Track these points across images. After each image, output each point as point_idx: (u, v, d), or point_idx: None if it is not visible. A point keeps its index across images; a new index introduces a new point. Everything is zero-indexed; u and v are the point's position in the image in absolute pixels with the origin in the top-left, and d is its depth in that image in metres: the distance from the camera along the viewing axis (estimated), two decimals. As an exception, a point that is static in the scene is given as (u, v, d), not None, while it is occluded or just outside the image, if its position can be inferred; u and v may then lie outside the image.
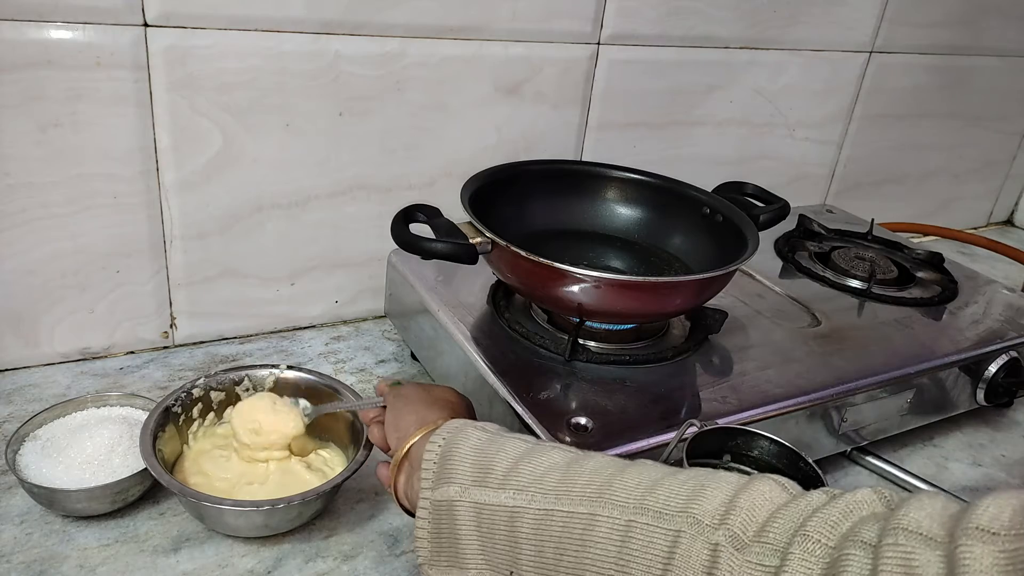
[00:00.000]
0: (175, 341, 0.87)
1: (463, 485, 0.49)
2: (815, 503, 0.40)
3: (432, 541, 0.50)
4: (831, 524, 0.38)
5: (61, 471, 0.63)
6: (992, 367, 0.82)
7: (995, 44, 1.31)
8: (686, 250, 0.83)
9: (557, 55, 0.93)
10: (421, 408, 0.59)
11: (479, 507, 0.48)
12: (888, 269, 0.96)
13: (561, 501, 0.46)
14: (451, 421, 0.54)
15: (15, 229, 0.74)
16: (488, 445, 0.51)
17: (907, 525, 0.35)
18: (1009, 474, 0.81)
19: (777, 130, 1.17)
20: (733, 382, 0.70)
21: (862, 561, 0.35)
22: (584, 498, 0.45)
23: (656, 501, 0.43)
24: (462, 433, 0.52)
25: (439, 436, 0.53)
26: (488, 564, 0.48)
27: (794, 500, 0.41)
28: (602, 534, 0.44)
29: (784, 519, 0.40)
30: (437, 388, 0.63)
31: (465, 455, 0.51)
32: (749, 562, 0.39)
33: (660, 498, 0.43)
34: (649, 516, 0.43)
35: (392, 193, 0.91)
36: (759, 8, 1.04)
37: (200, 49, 0.74)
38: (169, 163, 0.78)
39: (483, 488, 0.49)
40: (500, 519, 0.47)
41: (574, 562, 0.44)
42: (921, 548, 0.34)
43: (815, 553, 0.37)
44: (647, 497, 0.44)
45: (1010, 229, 1.60)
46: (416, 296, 0.81)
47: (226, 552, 0.62)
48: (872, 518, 0.38)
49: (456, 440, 0.52)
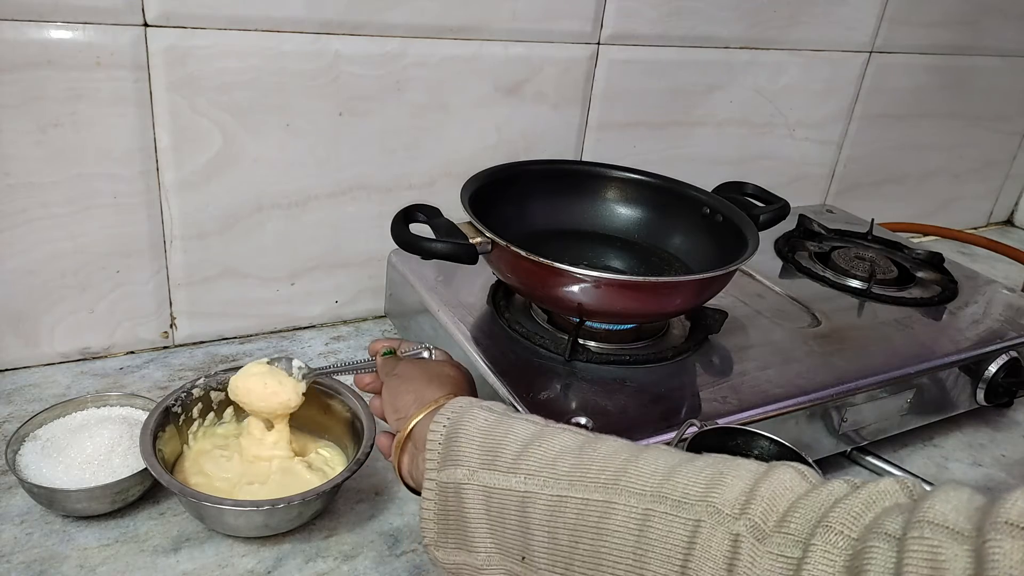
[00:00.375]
0: (175, 341, 0.87)
1: (471, 468, 0.48)
2: (837, 493, 0.39)
3: (438, 523, 0.49)
4: (854, 515, 0.37)
5: (61, 471, 0.63)
6: (992, 367, 0.82)
7: (995, 44, 1.31)
8: (686, 250, 0.83)
9: (557, 55, 0.93)
10: (419, 386, 0.57)
11: (488, 491, 0.47)
12: (888, 269, 0.96)
13: (575, 487, 0.45)
14: (455, 400, 0.53)
15: (15, 229, 0.74)
16: (496, 426, 0.50)
17: (933, 518, 0.34)
18: (1009, 474, 0.81)
19: (777, 130, 1.17)
20: (733, 382, 0.71)
21: (886, 554, 0.34)
22: (599, 484, 0.44)
23: (674, 489, 0.42)
24: (468, 413, 0.51)
25: (443, 416, 0.51)
26: (498, 548, 0.47)
27: (815, 489, 0.40)
28: (619, 523, 0.42)
29: (805, 509, 0.39)
30: (434, 363, 0.61)
31: (472, 436, 0.49)
32: (771, 553, 0.38)
33: (678, 486, 0.42)
34: (667, 505, 0.42)
35: (392, 193, 0.91)
36: (759, 8, 1.04)
37: (200, 49, 0.74)
38: (169, 163, 0.78)
39: (492, 471, 0.47)
40: (511, 504, 0.46)
41: (590, 550, 0.43)
42: (948, 542, 0.33)
43: (837, 545, 0.36)
44: (664, 485, 0.43)
45: (1010, 229, 1.60)
46: (416, 296, 0.81)
47: (226, 552, 0.62)
48: (896, 509, 0.37)
49: (462, 421, 0.50)
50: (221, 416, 0.72)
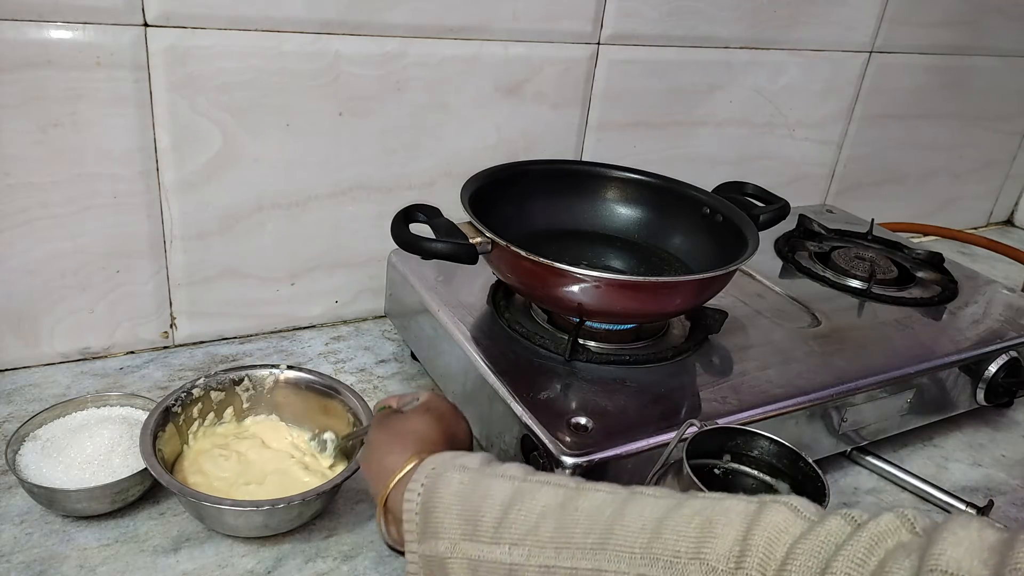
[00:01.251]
0: (175, 341, 0.87)
1: (452, 540, 0.46)
2: (835, 533, 0.37)
3: None
4: (857, 562, 0.35)
5: (61, 471, 0.63)
6: (992, 367, 0.82)
7: (995, 44, 1.31)
8: (686, 250, 0.83)
9: (557, 55, 0.93)
10: (382, 453, 0.53)
11: (474, 563, 0.45)
12: (888, 269, 0.96)
13: (561, 555, 0.42)
14: (426, 461, 0.50)
15: (15, 229, 0.74)
16: (472, 490, 0.47)
17: (945, 566, 0.32)
18: (1009, 474, 0.81)
19: (777, 130, 1.17)
20: (733, 382, 0.71)
21: None
22: (586, 550, 0.42)
23: (664, 547, 0.40)
24: (441, 479, 0.48)
25: (417, 482, 0.49)
26: None
27: (812, 531, 0.38)
28: None
29: (805, 556, 0.37)
30: (406, 417, 0.56)
31: (449, 505, 0.47)
32: None
33: (668, 543, 0.40)
34: (659, 567, 0.39)
35: (392, 193, 0.91)
36: (759, 8, 1.04)
37: (200, 49, 0.74)
38: (169, 163, 0.78)
39: (475, 543, 0.45)
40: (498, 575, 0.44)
41: None
42: None
43: None
44: (654, 543, 0.40)
45: (1010, 229, 1.60)
46: (416, 296, 0.81)
47: (226, 552, 0.62)
48: (901, 550, 0.35)
49: (436, 487, 0.48)
50: (221, 416, 0.72)
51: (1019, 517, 0.75)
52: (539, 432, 0.61)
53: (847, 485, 0.77)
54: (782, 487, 0.56)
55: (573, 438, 0.61)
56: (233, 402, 0.72)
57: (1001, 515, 0.74)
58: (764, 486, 0.56)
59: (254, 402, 0.73)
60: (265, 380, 0.73)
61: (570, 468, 0.58)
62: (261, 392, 0.73)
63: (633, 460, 0.61)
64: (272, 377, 0.73)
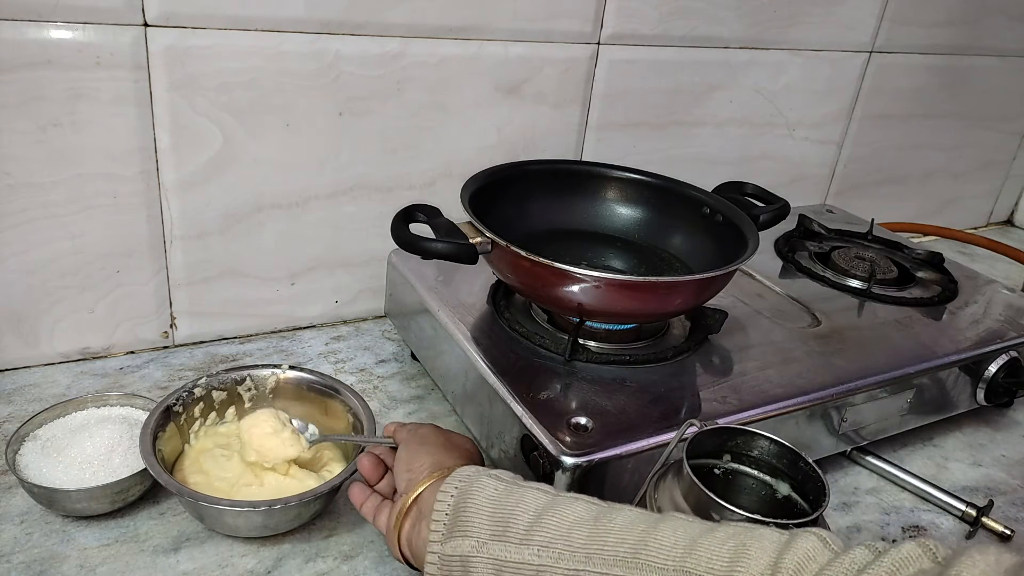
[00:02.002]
0: (175, 341, 0.87)
1: (480, 539, 0.46)
2: (859, 561, 0.38)
3: None
4: None
5: (61, 471, 0.63)
6: (992, 367, 0.82)
7: (995, 44, 1.31)
8: (686, 250, 0.83)
9: (557, 55, 0.93)
10: (438, 451, 0.56)
11: (499, 564, 0.45)
12: (888, 269, 0.96)
13: (592, 561, 0.43)
14: (463, 468, 0.52)
15: (15, 229, 0.74)
16: (506, 496, 0.48)
17: None
18: (1009, 474, 0.82)
19: (777, 130, 1.17)
20: (733, 382, 0.70)
21: None
22: (618, 559, 0.42)
23: (697, 564, 0.40)
24: (477, 482, 0.49)
25: (451, 484, 0.50)
26: None
27: (838, 558, 0.39)
28: None
29: None
30: (456, 435, 0.61)
31: (481, 506, 0.48)
32: None
33: (701, 560, 0.40)
34: None
35: (392, 193, 0.91)
36: (759, 8, 1.04)
37: (200, 49, 0.74)
38: (169, 163, 0.78)
39: (504, 543, 0.46)
40: None
41: None
42: None
43: None
44: (687, 559, 0.41)
45: (1010, 229, 1.60)
46: (416, 296, 0.81)
47: (226, 552, 0.62)
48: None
49: (471, 489, 0.49)
50: (223, 415, 0.72)
51: (1019, 517, 0.75)
52: (539, 432, 0.61)
53: (847, 485, 0.77)
54: (782, 487, 0.56)
55: (573, 438, 0.61)
56: (235, 402, 0.72)
57: (1001, 515, 0.74)
58: (764, 486, 0.56)
59: (256, 402, 0.73)
60: (267, 380, 0.73)
61: (570, 468, 0.58)
62: (263, 392, 0.73)
63: (633, 460, 0.61)
64: (274, 377, 0.73)
